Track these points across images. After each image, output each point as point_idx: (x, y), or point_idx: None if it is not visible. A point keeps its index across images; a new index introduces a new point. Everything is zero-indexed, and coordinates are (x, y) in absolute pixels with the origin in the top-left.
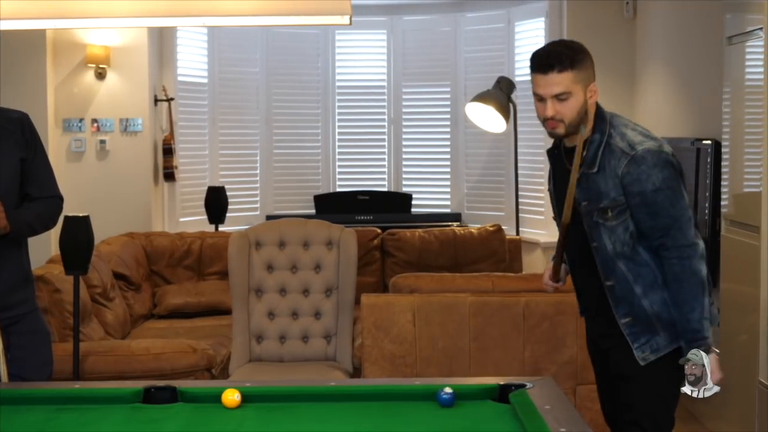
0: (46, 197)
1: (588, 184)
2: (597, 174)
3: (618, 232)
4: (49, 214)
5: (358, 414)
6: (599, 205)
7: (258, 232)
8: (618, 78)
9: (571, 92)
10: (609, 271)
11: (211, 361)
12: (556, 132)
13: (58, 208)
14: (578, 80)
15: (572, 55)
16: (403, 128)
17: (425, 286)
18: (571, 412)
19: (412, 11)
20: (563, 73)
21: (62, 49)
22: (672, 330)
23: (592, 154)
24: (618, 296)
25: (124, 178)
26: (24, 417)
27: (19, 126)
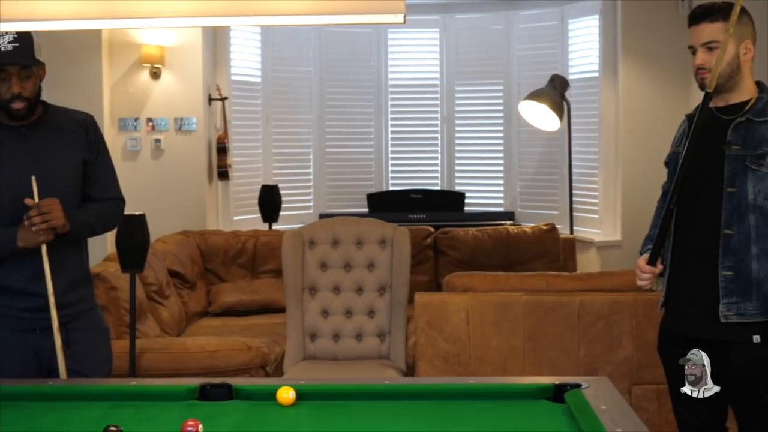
0: (108, 199)
1: (747, 131)
2: (761, 124)
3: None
4: (109, 215)
5: (412, 412)
6: (756, 152)
7: (312, 230)
8: (672, 76)
9: (719, 42)
10: (736, 220)
11: (265, 359)
12: (706, 82)
13: (120, 210)
14: (729, 33)
15: (724, 8)
16: (456, 127)
17: (479, 284)
18: (628, 413)
19: (465, 10)
20: (714, 23)
21: (118, 50)
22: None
23: (761, 106)
24: (731, 247)
25: (179, 177)
26: (81, 413)
27: (84, 128)
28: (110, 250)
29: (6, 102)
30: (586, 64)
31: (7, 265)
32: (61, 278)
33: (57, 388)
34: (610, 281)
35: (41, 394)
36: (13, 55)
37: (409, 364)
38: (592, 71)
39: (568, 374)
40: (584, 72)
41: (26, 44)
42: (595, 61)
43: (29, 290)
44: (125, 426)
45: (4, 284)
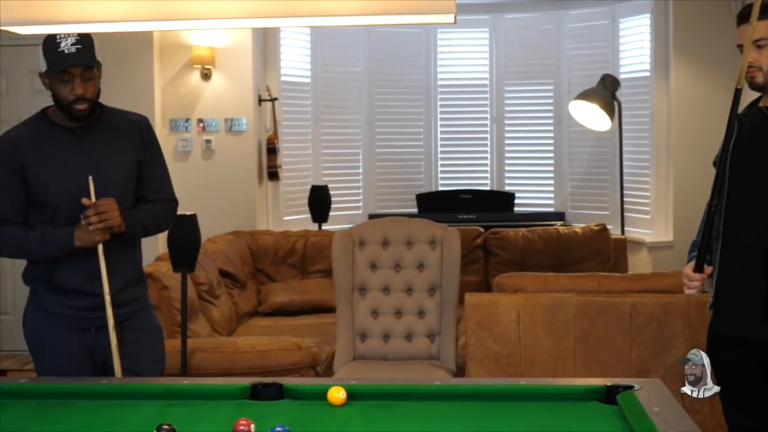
0: (162, 200)
1: None
2: None
3: None
4: (163, 216)
5: (463, 413)
6: None
7: (362, 230)
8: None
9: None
10: None
11: (315, 359)
12: (755, 81)
13: (173, 211)
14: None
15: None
16: (505, 127)
17: (529, 285)
18: (681, 415)
19: (515, 9)
20: (764, 21)
21: (169, 51)
22: None
23: None
24: None
25: (229, 178)
26: (134, 411)
27: (138, 129)
28: (162, 250)
29: (70, 103)
30: (637, 64)
31: (63, 265)
32: (116, 277)
33: (111, 387)
34: (662, 282)
35: (95, 392)
36: (77, 56)
37: (459, 365)
38: (643, 70)
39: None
40: (635, 71)
41: (88, 45)
42: (647, 60)
43: (85, 289)
44: (178, 425)
45: (61, 284)
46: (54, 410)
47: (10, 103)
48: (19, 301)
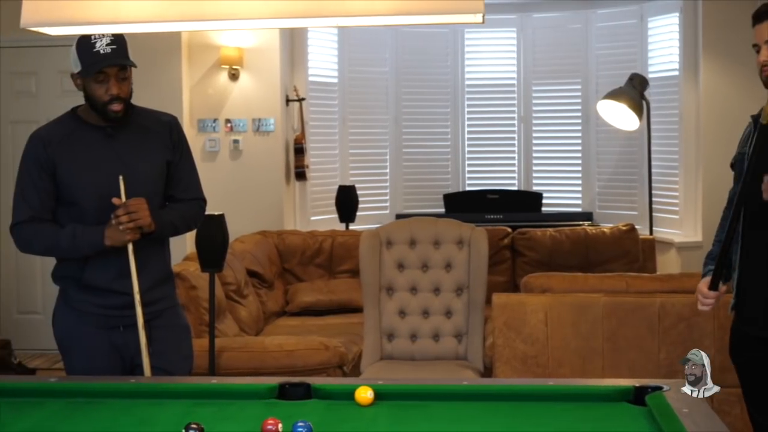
0: (190, 199)
1: None
2: None
3: None
4: (191, 215)
5: (491, 414)
6: None
7: (389, 230)
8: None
9: None
10: None
11: (343, 359)
12: None
13: (201, 210)
14: None
15: None
16: (533, 126)
17: (557, 285)
18: (711, 416)
19: (542, 8)
20: None
21: (197, 51)
22: None
23: None
24: None
25: (257, 178)
26: (163, 411)
27: (168, 129)
28: (190, 250)
29: (105, 104)
30: (665, 63)
31: (92, 264)
32: (145, 276)
33: (139, 386)
34: (691, 282)
35: (124, 391)
36: (112, 57)
37: (486, 365)
38: (672, 70)
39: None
40: (664, 71)
41: (122, 45)
42: (675, 59)
43: (114, 288)
44: (206, 424)
45: (90, 282)
46: (83, 409)
47: (40, 103)
48: (48, 300)
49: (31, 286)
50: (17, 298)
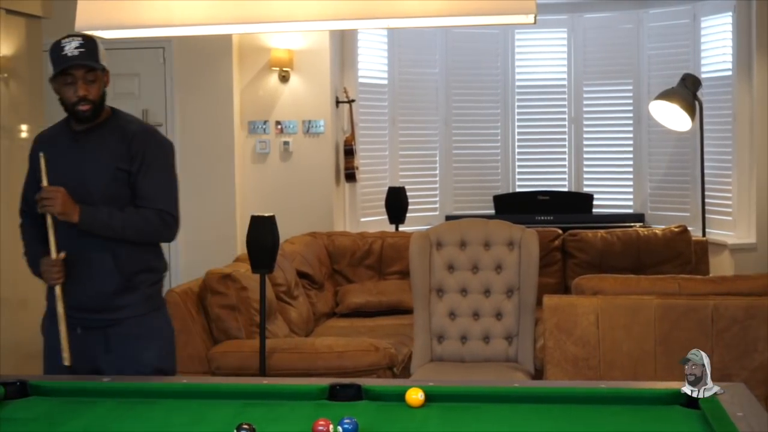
0: (148, 208)
1: None
2: None
3: None
4: (145, 222)
5: (543, 416)
6: None
7: (439, 232)
8: None
9: None
10: None
11: (393, 360)
12: None
13: (163, 223)
14: None
15: None
16: (584, 127)
17: (609, 287)
18: (766, 420)
19: (594, 9)
20: None
21: (247, 54)
22: None
23: None
24: None
25: (307, 179)
26: (214, 411)
27: (129, 139)
28: (240, 251)
29: (73, 105)
30: (718, 63)
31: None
32: (91, 283)
33: (191, 386)
34: (745, 285)
35: (176, 391)
36: (78, 58)
37: (537, 368)
38: (725, 70)
39: None
40: (717, 71)
41: (91, 49)
42: (729, 59)
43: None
44: (257, 424)
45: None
46: (136, 409)
47: None
48: None
49: None
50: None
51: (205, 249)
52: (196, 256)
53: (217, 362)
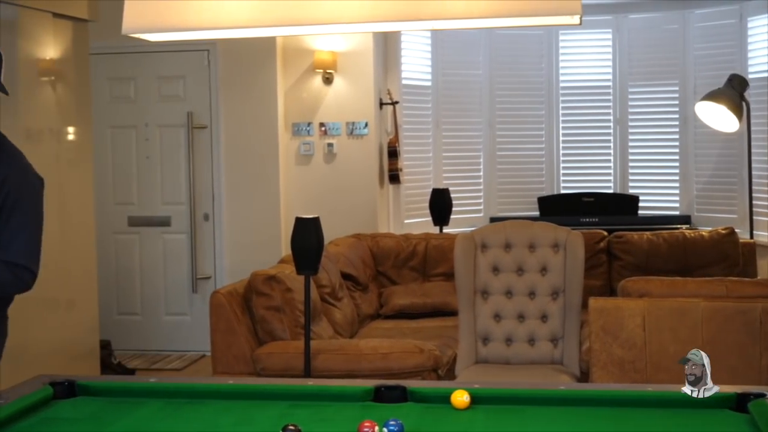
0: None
1: None
2: None
3: None
4: None
5: (589, 419)
6: None
7: (484, 233)
8: None
9: None
10: None
11: (437, 362)
12: None
13: (15, 279)
14: None
15: None
16: (629, 128)
17: (655, 290)
18: None
19: (638, 9)
20: None
21: (291, 56)
22: None
23: None
24: None
25: (351, 181)
26: (260, 412)
27: None
28: (285, 253)
29: None
30: (766, 63)
31: None
32: None
33: (237, 387)
34: None
35: (223, 392)
36: None
37: (582, 370)
38: None
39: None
40: (764, 71)
41: None
42: None
43: None
44: (303, 425)
45: None
46: (183, 409)
47: (139, 108)
48: (146, 302)
49: (131, 288)
50: (117, 299)
51: (250, 250)
52: (241, 257)
53: (262, 363)
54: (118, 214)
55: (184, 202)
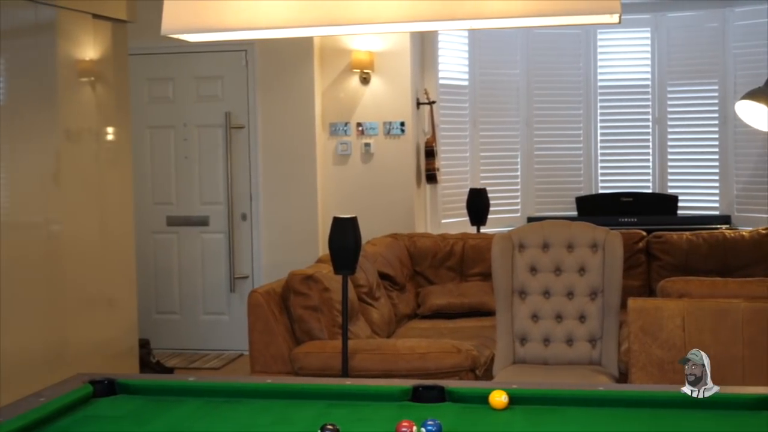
0: None
1: None
2: None
3: None
4: None
5: (628, 420)
6: None
7: (521, 233)
8: None
9: None
10: None
11: (475, 362)
12: None
13: None
14: None
15: None
16: (668, 127)
17: (695, 290)
18: None
19: (677, 7)
20: None
21: (328, 56)
22: None
23: None
24: None
25: (388, 180)
26: (298, 411)
27: None
28: (322, 253)
29: None
30: None
31: None
32: None
33: (275, 386)
34: None
35: (261, 391)
36: None
37: (621, 371)
38: None
39: None
40: None
41: None
42: None
43: None
44: (341, 425)
45: None
46: (221, 408)
47: (177, 108)
48: (185, 301)
49: (169, 288)
50: (156, 298)
51: (288, 250)
52: (279, 257)
53: (299, 362)
54: (156, 214)
55: (222, 202)
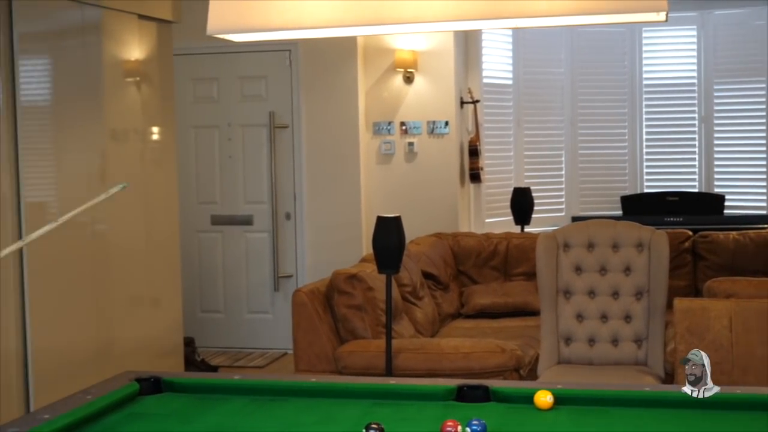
0: None
1: None
2: None
3: None
4: None
5: (675, 421)
6: None
7: (566, 233)
8: None
9: None
10: None
11: (519, 362)
12: None
13: None
14: None
15: None
16: (714, 126)
17: (743, 290)
18: None
19: (724, 5)
20: None
21: (372, 55)
22: None
23: None
24: None
25: (432, 180)
26: (343, 410)
27: None
28: (366, 252)
29: None
30: None
31: None
32: None
33: (320, 385)
34: None
35: (306, 389)
36: None
37: (667, 371)
38: None
39: None
40: None
41: None
42: None
43: None
44: (386, 424)
45: None
46: (266, 406)
47: (222, 108)
48: (229, 300)
49: (213, 287)
50: (200, 297)
51: (332, 249)
52: (323, 256)
53: (343, 361)
54: (201, 213)
55: (266, 201)
